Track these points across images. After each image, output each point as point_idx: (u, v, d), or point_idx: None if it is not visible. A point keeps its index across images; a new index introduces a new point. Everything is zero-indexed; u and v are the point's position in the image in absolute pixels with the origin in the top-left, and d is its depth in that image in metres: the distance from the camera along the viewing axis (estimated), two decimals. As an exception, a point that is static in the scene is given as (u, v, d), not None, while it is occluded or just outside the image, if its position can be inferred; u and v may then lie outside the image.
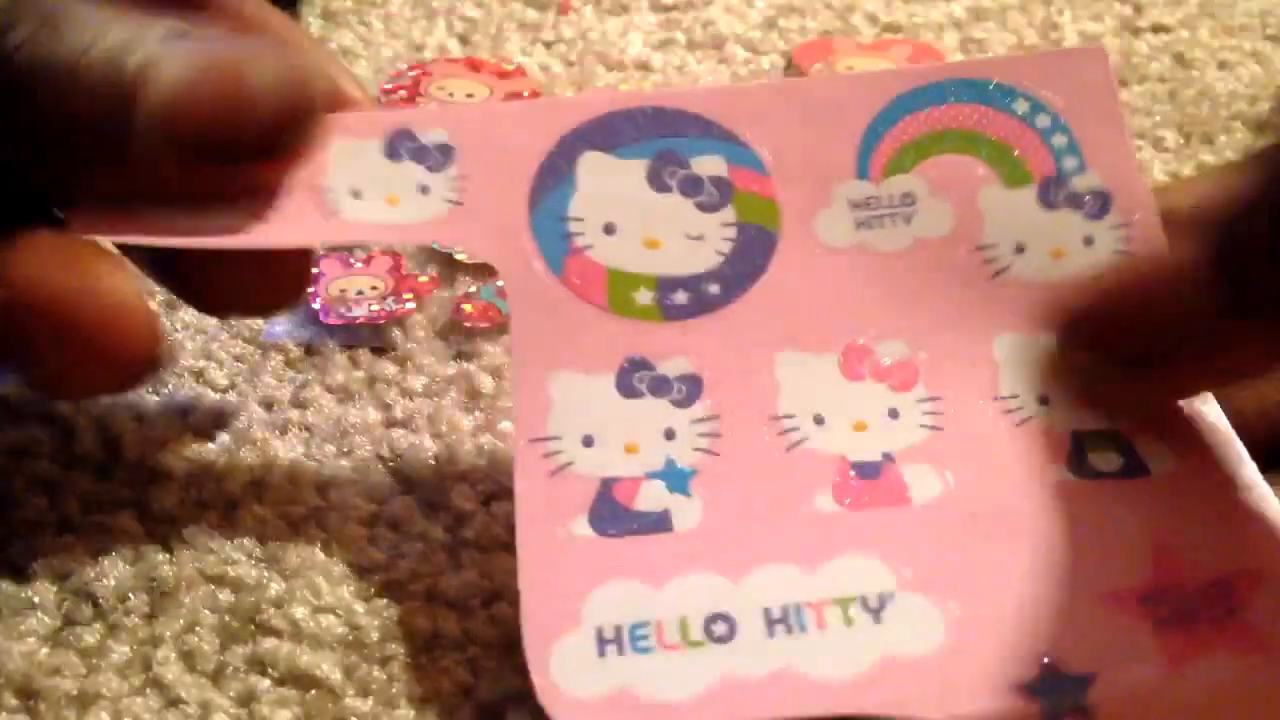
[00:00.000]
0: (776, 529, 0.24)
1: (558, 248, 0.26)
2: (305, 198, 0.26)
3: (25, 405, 0.30)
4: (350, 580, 0.26)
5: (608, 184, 0.27)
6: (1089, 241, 0.27)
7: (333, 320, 0.33)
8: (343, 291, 0.34)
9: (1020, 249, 0.27)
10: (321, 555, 0.27)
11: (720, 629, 0.22)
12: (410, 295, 0.33)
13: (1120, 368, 0.25)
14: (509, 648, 0.25)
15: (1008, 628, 0.22)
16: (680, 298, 0.26)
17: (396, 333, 0.33)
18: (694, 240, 0.27)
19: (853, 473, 0.24)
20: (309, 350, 0.32)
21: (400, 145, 0.27)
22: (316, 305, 0.33)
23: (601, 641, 0.22)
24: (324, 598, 0.26)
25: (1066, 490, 0.24)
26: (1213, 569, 0.23)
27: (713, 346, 0.26)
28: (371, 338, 0.32)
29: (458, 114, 0.28)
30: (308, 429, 0.30)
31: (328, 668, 0.25)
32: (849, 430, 0.25)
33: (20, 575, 0.26)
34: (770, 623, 0.22)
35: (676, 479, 0.24)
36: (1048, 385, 0.26)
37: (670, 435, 0.25)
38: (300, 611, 0.26)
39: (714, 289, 0.26)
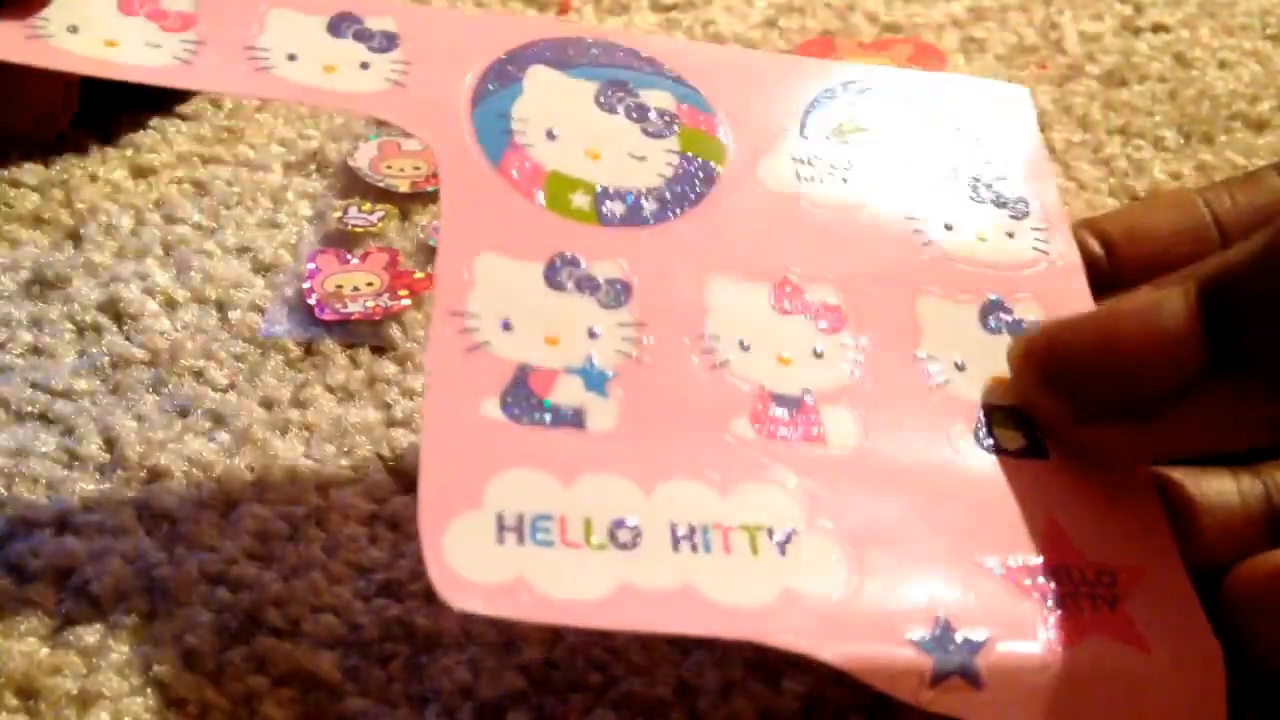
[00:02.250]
0: (692, 445, 0.23)
1: (498, 141, 0.26)
2: (236, 53, 0.26)
3: (25, 405, 0.30)
4: (350, 580, 0.26)
5: (554, 96, 0.27)
6: (1010, 235, 0.28)
7: (328, 316, 0.33)
8: (338, 288, 0.34)
9: (948, 227, 0.28)
10: (321, 555, 0.27)
11: (624, 535, 0.22)
12: (406, 292, 0.33)
13: (1101, 420, 0.24)
14: (509, 647, 0.25)
15: (906, 581, 0.22)
16: (617, 208, 0.26)
17: (396, 332, 0.33)
18: (636, 159, 0.27)
19: (773, 403, 0.24)
20: (309, 350, 0.32)
21: (343, 25, 0.27)
22: (312, 301, 0.33)
23: (501, 528, 0.21)
24: (324, 597, 0.26)
25: (971, 460, 0.25)
26: (1100, 557, 0.24)
27: (645, 257, 0.25)
28: (370, 334, 0.32)
29: (409, 10, 0.27)
30: (308, 429, 0.30)
31: (328, 668, 0.25)
32: (773, 362, 0.25)
33: (20, 575, 0.26)
34: (676, 538, 0.22)
35: (595, 378, 0.24)
36: (967, 354, 0.26)
37: (593, 335, 0.24)
38: (300, 611, 0.26)
39: (651, 205, 0.26)
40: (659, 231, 0.26)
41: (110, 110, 0.40)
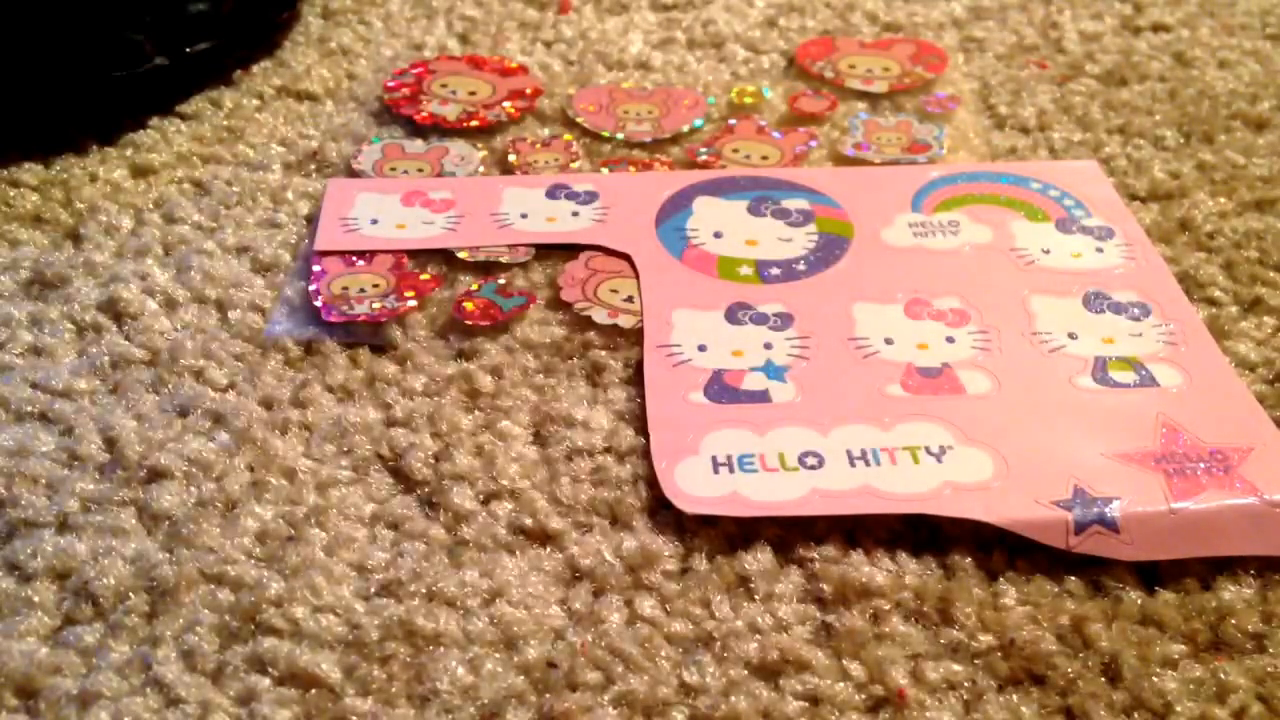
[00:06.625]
0: (857, 403, 0.30)
1: (678, 244, 0.36)
2: (485, 219, 0.36)
3: (25, 405, 0.30)
4: (350, 580, 0.27)
5: (716, 212, 0.37)
6: (1100, 250, 0.36)
7: (334, 318, 0.33)
8: (345, 289, 0.34)
9: (1046, 251, 0.36)
10: (321, 555, 0.27)
11: (811, 461, 0.29)
12: (412, 293, 0.33)
13: None
14: (509, 647, 0.25)
15: (1047, 466, 0.28)
16: (774, 271, 0.35)
17: (397, 332, 0.33)
18: (785, 241, 0.36)
19: (917, 373, 0.31)
20: (309, 350, 0.32)
21: (558, 191, 0.37)
22: (318, 303, 0.33)
23: (716, 464, 0.29)
24: (324, 597, 0.26)
25: (1090, 390, 0.31)
26: (1213, 443, 0.29)
27: (802, 298, 0.34)
28: (372, 335, 0.32)
29: (602, 177, 0.38)
30: (308, 429, 0.30)
31: (328, 667, 0.25)
32: (913, 348, 0.32)
33: (20, 575, 0.26)
34: (852, 459, 0.29)
35: (774, 372, 0.31)
36: (1077, 328, 0.32)
37: (769, 346, 0.32)
38: (300, 611, 0.26)
39: (801, 267, 0.35)
40: (810, 281, 0.34)
41: (110, 110, 0.41)
